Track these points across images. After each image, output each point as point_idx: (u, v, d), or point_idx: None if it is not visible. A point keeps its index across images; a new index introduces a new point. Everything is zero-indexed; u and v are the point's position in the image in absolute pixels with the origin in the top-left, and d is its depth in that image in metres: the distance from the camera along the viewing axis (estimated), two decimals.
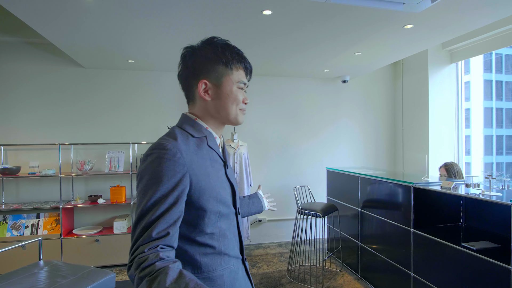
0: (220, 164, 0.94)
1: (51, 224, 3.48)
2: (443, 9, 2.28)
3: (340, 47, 3.12)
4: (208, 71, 0.92)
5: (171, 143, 0.82)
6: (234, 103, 0.94)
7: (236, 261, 0.93)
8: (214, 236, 0.87)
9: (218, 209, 0.87)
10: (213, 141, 0.94)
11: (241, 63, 0.95)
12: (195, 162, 0.84)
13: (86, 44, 2.99)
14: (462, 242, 2.09)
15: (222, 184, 0.91)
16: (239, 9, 2.26)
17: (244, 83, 0.96)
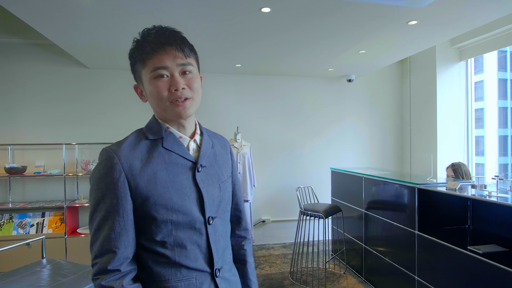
0: (184, 167, 0.84)
1: (56, 223, 3.53)
2: (447, 4, 2.21)
3: (343, 45, 3.06)
4: (134, 74, 0.88)
5: (111, 148, 0.80)
6: (156, 99, 0.82)
7: (200, 275, 0.83)
8: (166, 245, 0.80)
9: (169, 218, 0.79)
10: (173, 141, 0.84)
11: (160, 46, 0.79)
12: (136, 167, 0.78)
13: (88, 45, 3.01)
14: (468, 246, 2.01)
15: (180, 190, 0.81)
16: (238, 6, 2.24)
17: (163, 67, 0.79)
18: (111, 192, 0.76)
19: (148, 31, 0.83)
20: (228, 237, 0.97)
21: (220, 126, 4.22)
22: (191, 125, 0.90)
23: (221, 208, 0.90)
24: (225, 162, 0.96)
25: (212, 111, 4.22)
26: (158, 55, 0.80)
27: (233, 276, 0.95)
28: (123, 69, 3.93)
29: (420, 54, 4.37)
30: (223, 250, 0.91)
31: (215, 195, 0.88)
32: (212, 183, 0.88)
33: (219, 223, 0.89)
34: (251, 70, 4.10)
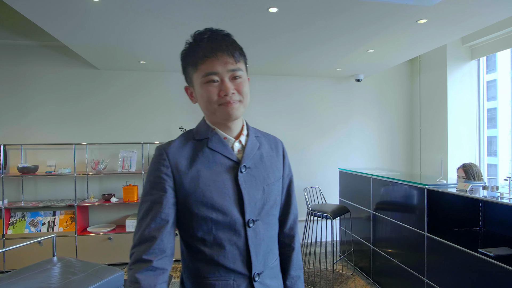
0: (227, 167, 0.85)
1: (66, 222, 3.59)
2: (457, 2, 2.17)
3: (351, 44, 3.03)
4: (186, 75, 0.91)
5: (162, 145, 0.86)
6: (207, 103, 0.84)
7: (238, 277, 0.83)
8: (206, 243, 0.82)
9: (209, 215, 0.81)
10: (217, 142, 0.87)
11: (212, 51, 0.81)
12: (183, 165, 0.82)
13: (98, 46, 3.06)
14: (479, 248, 1.97)
15: (221, 189, 0.82)
16: (245, 6, 2.24)
17: (214, 73, 0.81)
18: (158, 185, 0.81)
19: (201, 35, 0.85)
20: (273, 242, 0.93)
21: None
22: (237, 126, 0.91)
23: (264, 212, 0.87)
24: (273, 163, 0.94)
25: None
26: (210, 61, 0.81)
27: (276, 282, 0.92)
28: (132, 70, 3.98)
29: (430, 53, 4.31)
30: (265, 255, 0.88)
31: (257, 198, 0.86)
32: (255, 185, 0.87)
33: (261, 226, 0.86)
34: (258, 70, 4.09)
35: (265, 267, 0.88)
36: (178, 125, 4.04)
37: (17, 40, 3.75)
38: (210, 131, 0.88)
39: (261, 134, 0.99)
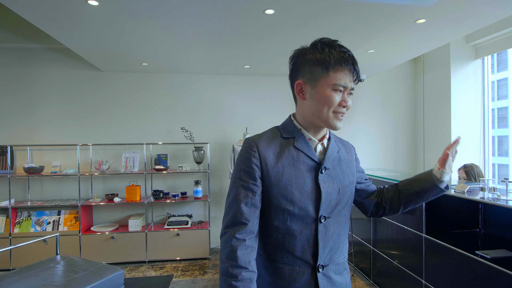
0: (309, 166, 0.94)
1: (71, 221, 3.66)
2: (456, 1, 2.15)
3: (350, 45, 3.02)
4: (305, 72, 0.94)
5: (253, 138, 0.97)
6: (326, 106, 0.91)
7: (303, 265, 0.92)
8: (280, 231, 0.92)
9: (287, 207, 0.91)
10: (302, 142, 0.96)
11: (343, 64, 0.89)
12: (270, 158, 0.92)
13: (100, 49, 3.11)
14: (476, 250, 1.95)
15: (301, 186, 0.91)
16: (242, 8, 2.26)
17: (343, 85, 0.90)
18: (249, 173, 0.91)
19: (333, 42, 0.94)
20: (342, 241, 1.00)
21: (230, 126, 4.26)
22: (323, 130, 1.00)
23: (337, 211, 0.96)
24: (349, 167, 1.03)
25: (223, 112, 4.26)
26: (342, 72, 0.90)
27: (341, 279, 0.99)
28: (135, 71, 4.03)
29: (434, 52, 4.26)
30: (332, 250, 0.96)
31: (332, 197, 0.95)
32: (332, 185, 0.96)
33: (332, 224, 0.95)
34: (260, 71, 4.11)
35: (331, 262, 0.96)
36: (180, 126, 4.08)
37: (24, 44, 3.84)
38: (296, 131, 0.97)
39: (339, 139, 1.09)
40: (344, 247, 1.02)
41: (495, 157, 4.06)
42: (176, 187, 4.15)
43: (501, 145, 4.01)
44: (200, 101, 4.21)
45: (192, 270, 3.50)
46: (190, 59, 3.49)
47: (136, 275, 3.39)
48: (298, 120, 1.00)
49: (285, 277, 0.92)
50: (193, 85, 4.19)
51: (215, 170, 4.25)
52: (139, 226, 3.72)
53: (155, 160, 4.01)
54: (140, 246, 3.69)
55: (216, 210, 4.28)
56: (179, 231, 3.74)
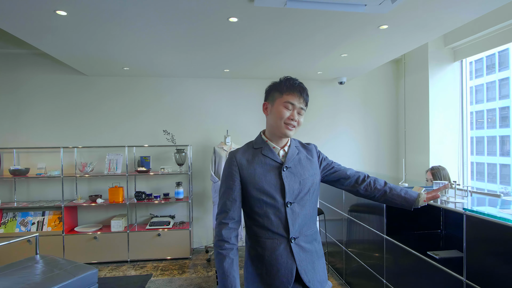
0: (273, 166, 1.28)
1: (55, 222, 3.76)
2: (412, 7, 2.20)
3: (320, 50, 3.09)
4: (269, 96, 1.32)
5: (232, 151, 1.33)
6: (279, 118, 1.25)
7: (279, 238, 1.25)
8: (260, 214, 1.26)
9: (261, 197, 1.25)
10: (268, 150, 1.31)
11: (292, 90, 1.26)
12: (244, 164, 1.28)
13: (79, 55, 3.21)
14: (428, 251, 2.01)
15: (269, 181, 1.26)
16: (208, 17, 2.34)
17: (291, 103, 1.25)
18: (230, 177, 1.28)
19: (290, 78, 1.30)
20: (309, 219, 1.32)
21: (212, 129, 4.34)
22: (284, 140, 1.33)
23: (300, 197, 1.28)
24: (308, 165, 1.35)
25: (205, 114, 4.34)
26: (292, 95, 1.26)
27: (310, 246, 1.31)
28: (118, 75, 4.13)
29: (414, 55, 4.31)
30: (301, 226, 1.28)
31: (295, 188, 1.27)
32: (294, 179, 1.28)
33: (297, 207, 1.27)
34: (239, 74, 4.18)
35: (301, 234, 1.28)
36: (163, 129, 4.17)
37: (10, 49, 3.95)
38: (263, 142, 1.33)
39: (301, 145, 1.42)
40: (311, 223, 1.33)
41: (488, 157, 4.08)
42: (159, 188, 4.24)
43: (503, 145, 4.01)
44: (183, 104, 4.29)
45: (172, 269, 3.58)
46: (168, 63, 3.57)
47: (116, 274, 3.48)
48: (266, 134, 1.35)
49: (268, 248, 1.26)
50: (176, 88, 4.28)
51: (197, 171, 4.33)
52: (121, 227, 3.81)
53: (138, 162, 4.10)
54: (122, 246, 3.78)
55: (199, 211, 4.37)
56: (161, 231, 3.83)
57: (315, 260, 1.31)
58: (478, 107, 3.94)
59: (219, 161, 3.96)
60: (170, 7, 2.17)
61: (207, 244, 4.27)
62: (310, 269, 1.28)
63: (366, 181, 1.44)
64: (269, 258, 1.25)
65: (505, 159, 3.76)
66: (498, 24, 3.21)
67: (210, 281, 3.27)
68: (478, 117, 3.89)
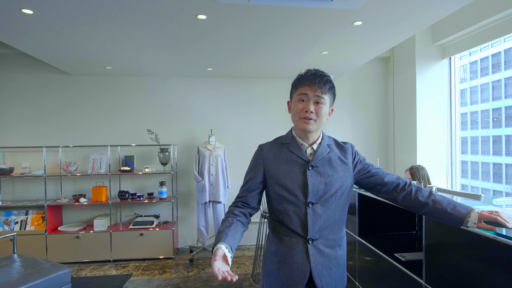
0: (299, 164, 1.24)
1: (38, 221, 3.77)
2: (382, 3, 2.15)
3: (297, 48, 3.04)
4: (290, 94, 1.29)
5: (261, 144, 1.35)
6: (294, 114, 1.23)
7: (297, 236, 1.23)
8: (280, 210, 1.25)
9: (282, 193, 1.23)
10: (295, 146, 1.27)
11: (304, 81, 1.20)
12: (270, 158, 1.28)
13: (58, 55, 3.20)
14: (395, 252, 1.96)
15: (293, 178, 1.23)
16: (176, 14, 2.31)
17: (305, 94, 1.19)
18: (254, 168, 1.31)
19: (307, 72, 1.23)
20: (332, 222, 1.25)
21: (197, 128, 4.31)
22: (313, 136, 1.27)
23: (324, 199, 1.23)
24: (339, 166, 1.28)
25: (190, 114, 4.32)
26: (306, 86, 1.19)
27: (331, 251, 1.26)
28: (102, 75, 4.12)
29: (402, 53, 4.24)
30: (322, 228, 1.23)
31: (320, 188, 1.22)
32: (319, 179, 1.23)
33: (320, 208, 1.22)
34: (223, 73, 4.15)
35: (321, 237, 1.24)
36: (149, 128, 4.15)
37: None
38: (292, 138, 1.29)
39: (335, 143, 1.34)
40: (336, 227, 1.27)
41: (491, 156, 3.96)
42: (144, 187, 4.23)
43: (509, 144, 3.89)
44: (168, 103, 4.28)
45: (153, 269, 3.57)
46: (150, 62, 3.56)
47: (97, 273, 3.47)
48: (295, 130, 1.31)
49: (285, 245, 1.25)
50: (160, 87, 4.26)
51: (182, 171, 4.31)
52: (104, 226, 3.81)
53: (122, 161, 4.09)
54: (105, 245, 3.77)
55: (184, 211, 4.35)
56: (143, 231, 3.82)
57: (334, 266, 1.25)
58: (473, 108, 3.87)
59: (203, 161, 3.93)
60: (137, 5, 2.15)
61: (192, 244, 4.25)
62: (325, 274, 1.23)
63: (406, 190, 1.28)
64: (284, 255, 1.24)
65: (498, 158, 3.70)
66: (485, 19, 3.12)
67: (189, 281, 3.25)
68: (474, 117, 3.81)
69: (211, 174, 3.91)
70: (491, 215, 1.12)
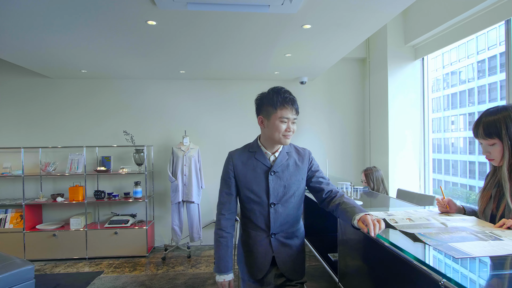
0: (263, 170, 1.46)
1: (17, 219, 3.91)
2: (323, 8, 2.19)
3: (255, 51, 3.10)
4: (263, 110, 1.44)
5: (231, 152, 1.51)
6: (277, 132, 1.41)
7: (262, 232, 1.48)
8: (249, 209, 1.49)
9: (249, 196, 1.46)
10: (260, 155, 1.47)
11: (284, 104, 1.39)
12: (239, 165, 1.47)
13: (28, 57, 3.32)
14: (329, 253, 2.00)
15: (258, 182, 1.45)
16: (127, 20, 2.38)
17: (287, 118, 1.40)
18: (227, 174, 1.49)
19: (279, 89, 1.43)
20: (291, 218, 1.49)
21: (173, 129, 4.40)
22: (278, 147, 1.49)
23: (284, 200, 1.46)
24: (296, 170, 1.49)
25: (166, 115, 4.40)
26: (285, 109, 1.39)
27: (290, 241, 1.51)
28: (80, 77, 4.24)
29: (376, 54, 4.24)
30: (282, 224, 1.47)
31: (279, 191, 1.45)
32: (279, 182, 1.46)
33: (280, 207, 1.46)
34: (196, 75, 4.22)
35: (281, 231, 1.49)
36: (125, 129, 4.26)
37: None
38: (258, 147, 1.49)
39: (294, 150, 1.55)
40: (294, 222, 1.52)
41: None
42: (122, 187, 4.34)
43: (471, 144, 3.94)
44: (145, 105, 4.37)
45: (125, 267, 3.66)
46: (121, 66, 3.65)
47: (70, 270, 3.59)
48: (261, 140, 1.50)
49: (252, 237, 1.50)
50: (137, 89, 4.36)
51: (159, 171, 4.41)
52: (80, 225, 3.92)
53: (100, 161, 4.20)
54: (81, 243, 3.89)
55: (161, 210, 4.44)
56: (118, 230, 3.92)
57: (294, 253, 1.52)
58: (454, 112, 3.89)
59: (176, 161, 4.01)
60: (90, 15, 2.23)
61: (167, 243, 4.34)
62: (288, 261, 1.50)
63: (330, 197, 1.48)
64: (252, 246, 1.49)
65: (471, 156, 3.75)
66: (454, 17, 3.07)
67: (156, 279, 3.33)
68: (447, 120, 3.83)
69: (184, 174, 3.99)
70: (367, 219, 1.19)
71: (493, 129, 1.23)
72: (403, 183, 3.92)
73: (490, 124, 1.24)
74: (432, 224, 1.29)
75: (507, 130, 1.21)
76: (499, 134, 1.22)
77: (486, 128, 1.25)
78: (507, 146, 1.22)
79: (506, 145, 1.22)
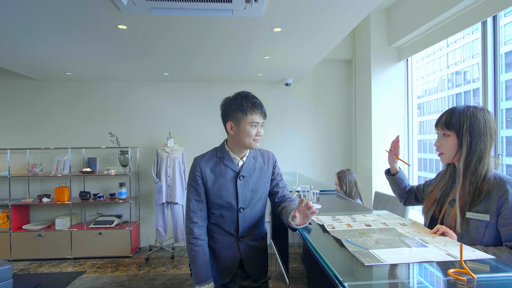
0: (232, 175, 1.46)
1: (3, 219, 3.98)
2: (287, 11, 2.19)
3: (232, 53, 3.11)
4: (232, 116, 1.43)
5: (197, 158, 1.49)
6: (248, 137, 1.42)
7: (230, 236, 1.49)
8: (216, 215, 1.48)
9: (218, 202, 1.45)
10: (229, 160, 1.47)
11: (254, 109, 1.41)
12: (207, 172, 1.45)
13: (18, 61, 3.38)
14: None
15: (227, 189, 1.44)
16: (99, 24, 2.41)
17: (257, 122, 1.42)
18: (195, 182, 1.46)
19: (247, 94, 1.45)
20: (258, 221, 1.52)
21: (158, 131, 4.43)
22: (245, 152, 1.50)
23: (252, 203, 1.48)
24: (263, 173, 1.52)
25: (151, 117, 4.44)
26: (255, 114, 1.41)
27: (257, 243, 1.53)
28: (66, 80, 4.30)
29: (361, 55, 4.22)
30: (249, 227, 1.50)
31: (247, 195, 1.47)
32: (247, 187, 1.47)
33: (248, 211, 1.48)
34: (180, 78, 4.25)
35: (248, 234, 1.50)
36: (111, 131, 4.30)
37: None
38: (226, 152, 1.48)
39: (259, 153, 1.56)
40: (260, 224, 1.55)
41: None
42: (108, 188, 4.38)
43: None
44: (130, 106, 4.42)
45: (107, 267, 3.71)
46: (104, 68, 3.69)
47: (54, 270, 3.64)
48: (229, 145, 1.49)
49: (219, 243, 1.49)
50: (123, 91, 4.41)
51: (145, 172, 4.44)
52: (65, 225, 3.98)
53: (86, 163, 4.26)
54: (66, 244, 3.95)
55: (147, 211, 4.48)
56: (102, 230, 3.96)
57: (260, 254, 1.55)
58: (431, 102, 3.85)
59: (161, 163, 4.05)
60: (60, 16, 2.26)
61: (153, 244, 4.37)
62: (254, 263, 1.52)
63: (282, 201, 1.55)
64: (219, 251, 1.50)
65: None
66: (436, 17, 3.03)
67: (135, 279, 3.37)
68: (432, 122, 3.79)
69: (168, 175, 4.02)
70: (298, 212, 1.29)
71: (455, 122, 1.23)
72: (386, 185, 3.90)
73: (454, 116, 1.24)
74: (369, 230, 1.29)
75: (469, 127, 1.20)
76: (459, 128, 1.22)
77: (448, 118, 1.25)
78: (465, 143, 1.21)
79: (465, 142, 1.21)
